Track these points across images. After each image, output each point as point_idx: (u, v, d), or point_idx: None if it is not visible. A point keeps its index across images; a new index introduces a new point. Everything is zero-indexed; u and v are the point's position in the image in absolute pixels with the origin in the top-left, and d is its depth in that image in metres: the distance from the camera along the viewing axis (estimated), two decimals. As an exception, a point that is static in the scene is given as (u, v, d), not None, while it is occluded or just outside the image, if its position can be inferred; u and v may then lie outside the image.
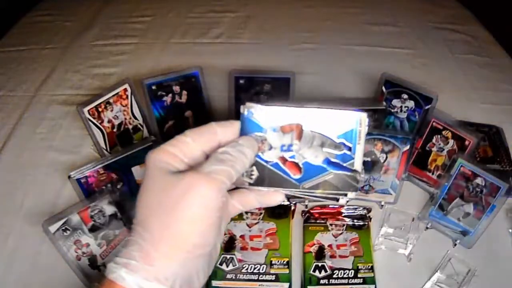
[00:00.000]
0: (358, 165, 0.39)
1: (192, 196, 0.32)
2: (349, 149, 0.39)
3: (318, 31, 1.06)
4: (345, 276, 0.58)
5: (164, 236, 0.32)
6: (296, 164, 0.39)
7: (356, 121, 0.38)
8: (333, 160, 0.39)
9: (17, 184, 0.72)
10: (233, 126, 0.38)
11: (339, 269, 0.58)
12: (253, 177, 0.39)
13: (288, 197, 0.64)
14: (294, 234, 0.63)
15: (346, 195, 0.40)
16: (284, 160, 0.39)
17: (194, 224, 0.33)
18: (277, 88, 0.75)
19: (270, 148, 0.39)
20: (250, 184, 0.39)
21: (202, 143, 0.37)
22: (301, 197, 0.44)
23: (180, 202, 0.32)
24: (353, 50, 1.00)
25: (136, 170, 0.65)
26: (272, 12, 1.14)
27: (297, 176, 0.39)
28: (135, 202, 0.35)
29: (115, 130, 0.71)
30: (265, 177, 0.39)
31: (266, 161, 0.39)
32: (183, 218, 0.32)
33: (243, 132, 0.38)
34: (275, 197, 0.40)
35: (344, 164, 0.39)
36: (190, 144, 0.36)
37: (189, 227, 0.32)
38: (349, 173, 0.39)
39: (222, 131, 0.38)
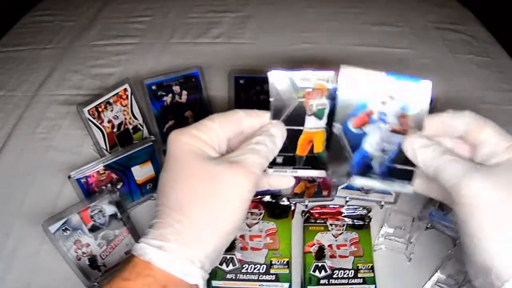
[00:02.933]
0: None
1: (234, 189, 0.34)
2: None
3: (318, 31, 1.06)
4: (345, 276, 0.58)
5: (203, 222, 0.34)
6: (363, 123, 0.39)
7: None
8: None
9: (17, 184, 0.72)
10: (262, 118, 0.39)
11: (339, 269, 0.58)
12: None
13: (289, 197, 0.64)
14: (294, 234, 0.63)
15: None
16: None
17: (231, 213, 0.35)
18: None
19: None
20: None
21: (228, 130, 0.38)
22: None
23: (221, 193, 0.34)
24: (353, 50, 1.00)
25: (136, 170, 0.65)
26: (272, 12, 1.13)
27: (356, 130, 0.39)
28: (160, 184, 0.36)
29: (115, 130, 0.71)
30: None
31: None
32: (224, 208, 0.34)
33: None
34: (286, 181, 0.41)
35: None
36: (217, 130, 0.37)
37: (227, 216, 0.34)
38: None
39: (249, 121, 0.39)
